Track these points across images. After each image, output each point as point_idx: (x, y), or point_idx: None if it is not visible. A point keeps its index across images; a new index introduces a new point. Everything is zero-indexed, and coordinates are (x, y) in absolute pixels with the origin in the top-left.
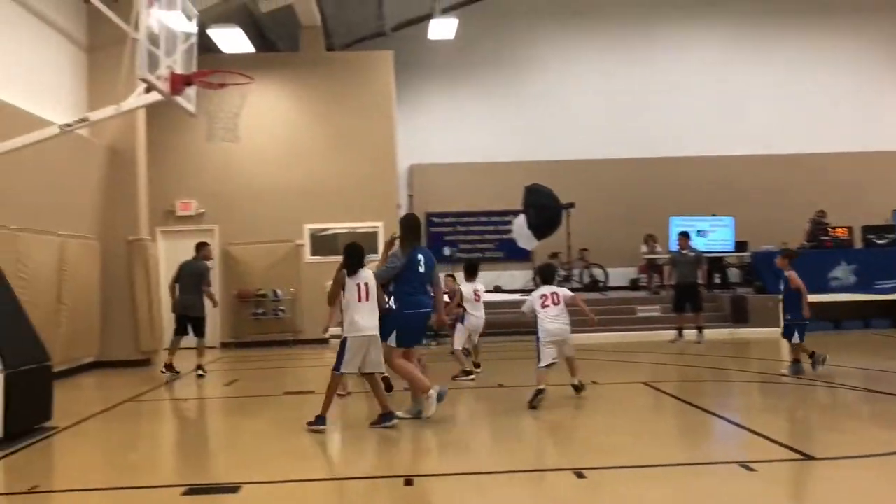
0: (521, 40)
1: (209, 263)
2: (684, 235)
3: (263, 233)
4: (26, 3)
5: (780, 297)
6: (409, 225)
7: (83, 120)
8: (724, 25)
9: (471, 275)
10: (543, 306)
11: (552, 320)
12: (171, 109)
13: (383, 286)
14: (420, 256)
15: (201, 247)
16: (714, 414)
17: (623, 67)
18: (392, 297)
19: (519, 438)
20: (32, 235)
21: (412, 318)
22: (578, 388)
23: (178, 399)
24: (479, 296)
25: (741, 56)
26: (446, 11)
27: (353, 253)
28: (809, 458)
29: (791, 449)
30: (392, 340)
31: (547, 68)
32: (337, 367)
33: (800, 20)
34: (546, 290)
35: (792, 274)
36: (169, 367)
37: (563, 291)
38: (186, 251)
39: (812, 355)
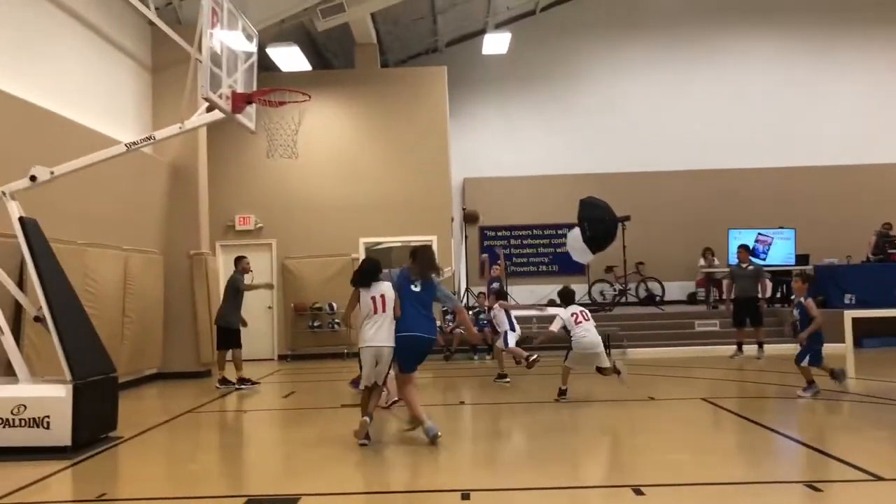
0: (573, 54)
1: (247, 277)
2: (744, 248)
3: (320, 247)
4: (94, 26)
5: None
6: (413, 256)
7: (149, 138)
8: (781, 35)
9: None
10: (577, 322)
11: (588, 334)
12: (231, 127)
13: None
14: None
15: (238, 261)
16: (776, 431)
17: (677, 79)
18: None
19: (576, 454)
20: (99, 250)
21: (399, 340)
22: (615, 371)
23: (237, 410)
24: None
25: (799, 66)
26: (499, 26)
27: (364, 268)
28: (878, 478)
29: (858, 468)
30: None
31: (600, 81)
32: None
33: (858, 29)
34: (575, 308)
35: (809, 302)
36: (223, 380)
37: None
38: None
39: (810, 384)
